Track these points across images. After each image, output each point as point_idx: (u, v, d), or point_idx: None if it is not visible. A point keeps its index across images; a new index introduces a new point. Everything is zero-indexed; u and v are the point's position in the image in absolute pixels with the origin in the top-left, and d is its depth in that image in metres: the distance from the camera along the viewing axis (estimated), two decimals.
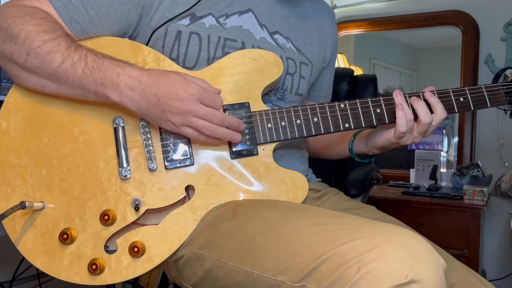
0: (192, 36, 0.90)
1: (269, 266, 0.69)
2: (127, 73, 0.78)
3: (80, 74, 0.78)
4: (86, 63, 0.78)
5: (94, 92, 0.79)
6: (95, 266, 0.79)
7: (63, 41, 0.79)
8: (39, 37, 0.77)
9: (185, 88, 0.78)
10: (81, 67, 0.78)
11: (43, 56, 0.78)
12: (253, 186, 0.87)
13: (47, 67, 0.78)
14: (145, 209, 0.83)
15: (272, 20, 1.00)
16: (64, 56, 0.78)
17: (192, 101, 0.78)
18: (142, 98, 0.78)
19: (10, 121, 0.84)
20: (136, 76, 0.78)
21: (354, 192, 1.77)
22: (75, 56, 0.78)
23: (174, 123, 0.79)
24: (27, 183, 0.82)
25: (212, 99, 0.80)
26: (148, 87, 0.77)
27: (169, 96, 0.77)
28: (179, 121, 0.79)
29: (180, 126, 0.79)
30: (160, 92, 0.77)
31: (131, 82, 0.77)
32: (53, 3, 0.83)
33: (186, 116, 0.78)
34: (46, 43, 0.77)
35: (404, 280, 0.55)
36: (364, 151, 1.03)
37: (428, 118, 0.88)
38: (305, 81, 1.05)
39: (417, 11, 2.61)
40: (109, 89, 0.78)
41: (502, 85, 0.94)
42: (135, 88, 0.77)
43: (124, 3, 0.86)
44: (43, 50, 0.77)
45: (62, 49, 0.78)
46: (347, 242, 0.62)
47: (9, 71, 0.82)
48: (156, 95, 0.77)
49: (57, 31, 0.80)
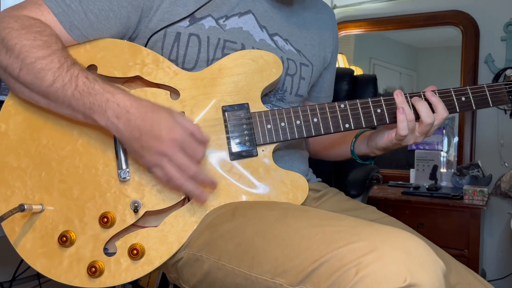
0: (192, 38, 0.90)
1: (267, 268, 0.69)
2: (116, 101, 0.77)
3: (70, 96, 0.77)
4: (77, 86, 0.77)
5: (83, 114, 0.79)
6: (94, 269, 0.79)
7: (56, 59, 0.78)
8: (33, 53, 0.77)
9: (169, 130, 0.76)
10: (71, 89, 0.77)
11: (35, 74, 0.77)
12: (252, 188, 0.87)
13: (39, 85, 0.78)
14: (144, 211, 0.83)
15: (272, 21, 1.00)
16: (55, 76, 0.77)
17: (172, 146, 0.76)
18: (126, 128, 0.77)
19: (10, 123, 0.84)
20: (124, 106, 0.77)
21: (354, 192, 1.77)
22: (66, 77, 0.77)
23: (148, 160, 0.78)
24: (26, 185, 0.82)
25: (194, 149, 0.78)
26: (133, 119, 0.76)
27: (151, 134, 0.76)
28: (153, 161, 0.78)
29: (153, 165, 0.78)
30: (144, 128, 0.76)
31: (118, 110, 0.76)
32: (53, 10, 0.82)
33: (161, 157, 0.77)
34: (38, 60, 0.77)
35: (402, 284, 0.55)
36: (366, 152, 1.03)
37: (430, 118, 0.88)
38: (305, 82, 1.05)
39: (417, 11, 2.61)
40: (96, 113, 0.77)
41: (505, 84, 0.93)
42: (121, 117, 0.76)
43: (123, 6, 0.86)
44: (35, 67, 0.77)
45: (54, 68, 0.77)
46: (345, 244, 0.62)
47: (5, 81, 0.83)
48: (139, 130, 0.76)
49: (52, 46, 0.79)
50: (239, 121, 0.88)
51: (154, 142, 0.76)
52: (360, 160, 1.06)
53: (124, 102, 0.77)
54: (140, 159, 0.80)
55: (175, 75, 0.88)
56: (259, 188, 0.87)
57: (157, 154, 0.77)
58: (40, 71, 0.77)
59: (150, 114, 0.77)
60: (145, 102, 0.79)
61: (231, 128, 0.88)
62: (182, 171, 0.77)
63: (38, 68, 0.77)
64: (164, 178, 0.79)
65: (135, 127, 0.76)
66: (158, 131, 0.76)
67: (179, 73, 0.88)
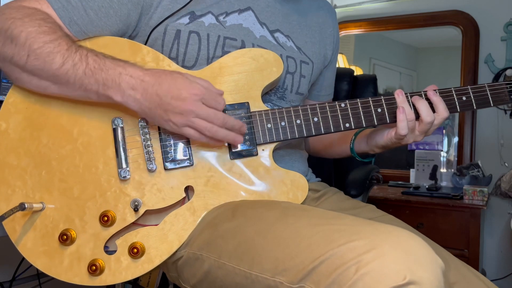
0: (192, 35, 0.90)
1: (267, 267, 0.69)
2: (129, 73, 0.78)
3: (81, 75, 0.78)
4: (88, 64, 0.78)
5: (96, 92, 0.79)
6: (94, 267, 0.79)
7: (64, 42, 0.78)
8: (39, 38, 0.77)
9: (188, 88, 0.77)
10: (82, 68, 0.77)
11: (43, 58, 0.77)
12: (252, 187, 0.87)
13: (48, 68, 0.78)
14: (144, 209, 0.83)
15: (273, 18, 1.00)
16: (64, 57, 0.77)
17: (194, 101, 0.77)
18: (144, 97, 0.77)
19: (10, 122, 0.84)
20: (138, 76, 0.77)
21: (354, 192, 1.77)
22: (76, 57, 0.78)
23: (175, 123, 0.79)
24: (26, 184, 0.82)
25: (215, 99, 0.80)
26: (150, 87, 0.77)
27: (171, 96, 0.77)
28: (181, 121, 0.78)
29: (181, 126, 0.79)
30: (162, 91, 0.77)
31: (133, 81, 0.77)
32: (52, 5, 0.82)
33: (187, 116, 0.78)
34: (46, 44, 0.77)
35: (402, 281, 0.55)
36: (366, 150, 1.03)
37: (430, 117, 0.88)
38: (306, 80, 1.05)
39: (417, 11, 2.61)
40: (111, 89, 0.78)
41: (506, 84, 0.93)
42: (137, 87, 0.77)
43: (123, 3, 0.86)
44: (44, 51, 0.77)
45: (63, 50, 0.78)
46: (345, 243, 0.62)
47: (9, 74, 0.82)
48: (158, 95, 0.77)
49: (57, 32, 0.79)
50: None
51: (176, 102, 0.77)
52: (360, 158, 1.06)
53: (137, 73, 0.78)
54: (166, 124, 0.80)
55: None
56: (259, 188, 0.88)
57: (182, 113, 0.78)
58: (49, 54, 0.77)
59: (164, 77, 0.78)
60: (156, 70, 0.80)
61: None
62: (211, 121, 0.79)
63: (47, 52, 0.77)
64: (195, 134, 0.80)
65: (153, 94, 0.77)
66: (177, 91, 0.77)
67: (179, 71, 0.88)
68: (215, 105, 0.80)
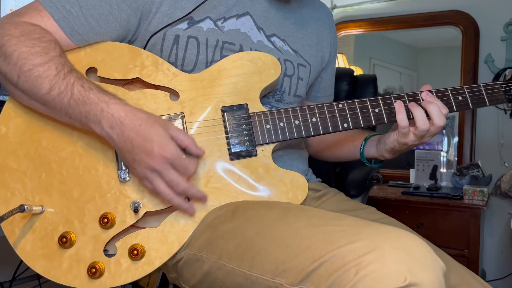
0: (190, 40, 0.90)
1: (267, 268, 0.69)
2: (111, 111, 0.77)
3: (66, 104, 0.78)
4: (72, 94, 0.77)
5: (79, 122, 0.79)
6: (94, 270, 0.79)
7: (53, 66, 0.78)
8: (30, 60, 0.77)
9: (161, 148, 0.76)
10: (67, 98, 0.77)
11: (32, 81, 0.78)
12: (252, 187, 0.87)
13: (36, 92, 0.78)
14: (144, 211, 0.83)
15: (269, 23, 1.00)
16: (51, 84, 0.77)
17: (162, 163, 0.76)
18: (119, 139, 0.77)
19: (10, 126, 0.84)
20: (119, 117, 0.77)
21: (354, 192, 1.77)
22: (62, 85, 0.78)
23: (138, 172, 0.79)
24: (26, 186, 0.82)
25: (184, 167, 0.78)
26: (127, 131, 0.77)
27: (142, 149, 0.76)
28: (143, 174, 0.78)
29: (143, 177, 0.79)
30: (136, 141, 0.76)
31: (113, 121, 0.77)
32: (53, 16, 0.82)
33: (151, 173, 0.77)
34: (35, 68, 0.77)
35: (402, 283, 0.55)
36: (375, 156, 1.02)
37: (426, 125, 0.88)
38: (303, 83, 1.05)
39: (417, 11, 2.61)
40: (92, 123, 0.78)
41: (501, 84, 0.94)
42: (114, 127, 0.77)
43: (123, 9, 0.86)
44: (33, 74, 0.77)
45: (51, 75, 0.77)
46: (345, 244, 0.62)
47: (5, 87, 0.83)
48: (132, 143, 0.77)
49: (50, 53, 0.79)
50: (238, 121, 0.88)
51: (145, 157, 0.76)
52: (369, 164, 1.05)
53: (119, 113, 0.77)
54: (131, 169, 0.81)
55: (174, 76, 0.88)
56: (258, 188, 0.88)
57: (148, 169, 0.77)
58: (37, 78, 0.77)
59: (144, 127, 0.77)
60: (141, 114, 0.78)
61: (231, 128, 0.88)
62: (172, 187, 0.78)
63: (35, 76, 0.77)
64: (153, 190, 0.80)
65: (128, 139, 0.77)
66: (150, 147, 0.76)
67: (178, 74, 0.88)
68: (183, 172, 0.79)
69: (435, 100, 0.89)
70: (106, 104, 0.77)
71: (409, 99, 0.91)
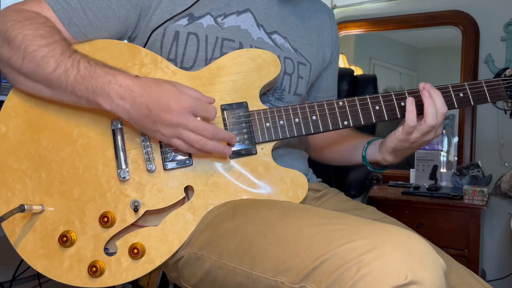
0: (190, 37, 0.90)
1: (268, 266, 0.69)
2: (118, 82, 0.77)
3: (72, 81, 0.78)
4: (79, 70, 0.78)
5: (86, 99, 0.79)
6: (95, 269, 0.79)
7: (58, 47, 0.79)
8: (35, 41, 0.78)
9: (177, 100, 0.76)
10: (73, 74, 0.77)
11: (37, 61, 0.78)
12: (252, 186, 0.87)
13: (42, 72, 0.78)
14: (144, 210, 0.83)
15: (270, 20, 1.00)
16: (58, 62, 0.78)
17: (183, 113, 0.77)
18: (133, 107, 0.77)
19: (10, 125, 0.84)
20: (127, 85, 0.77)
21: (354, 192, 1.77)
22: (68, 63, 0.78)
23: (164, 134, 0.78)
24: (27, 186, 0.82)
25: (205, 110, 0.79)
26: (139, 97, 0.77)
27: (160, 107, 0.76)
28: (169, 133, 0.78)
29: (170, 137, 0.79)
30: (151, 102, 0.76)
31: (121, 91, 0.77)
32: (52, 6, 0.83)
33: (176, 128, 0.77)
34: (41, 48, 0.78)
35: (403, 281, 0.55)
36: (377, 159, 1.01)
37: (434, 120, 0.87)
38: (304, 81, 1.05)
39: (417, 11, 2.61)
40: (100, 97, 0.77)
41: (503, 80, 0.94)
42: (125, 97, 0.77)
43: (122, 4, 0.86)
44: (38, 54, 0.77)
45: (57, 54, 0.78)
46: (346, 243, 0.62)
47: (7, 75, 0.83)
48: (147, 106, 0.76)
49: (54, 36, 0.80)
50: (238, 119, 0.88)
51: (165, 114, 0.76)
52: (372, 168, 1.05)
53: (126, 82, 0.77)
54: (155, 135, 0.80)
55: (173, 74, 0.88)
56: (258, 186, 0.87)
57: (171, 125, 0.77)
58: (43, 58, 0.77)
59: (154, 88, 0.77)
60: (146, 78, 0.79)
61: (230, 126, 0.88)
62: (200, 133, 0.78)
63: (41, 55, 0.77)
64: (184, 146, 0.80)
65: (142, 104, 0.77)
66: (166, 103, 0.76)
67: (177, 72, 0.88)
68: (206, 115, 0.79)
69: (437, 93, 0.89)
70: (112, 76, 0.77)
71: (410, 96, 0.90)
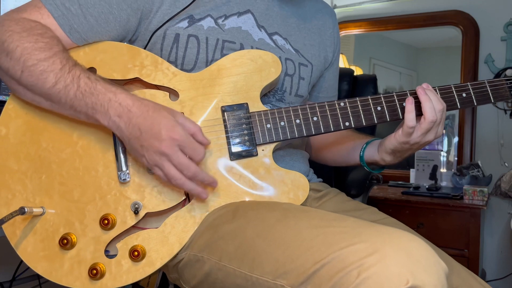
0: (190, 39, 0.89)
1: (268, 269, 0.68)
2: (118, 100, 0.77)
3: (72, 97, 0.78)
4: (79, 86, 0.78)
5: (85, 114, 0.79)
6: (95, 271, 0.79)
7: (58, 60, 0.78)
8: (34, 55, 0.77)
9: (169, 130, 0.76)
10: (73, 90, 0.78)
11: (37, 76, 0.78)
12: (253, 187, 0.87)
13: (41, 86, 0.78)
14: (144, 212, 0.83)
15: (271, 21, 1.00)
16: (57, 77, 0.78)
17: (171, 145, 0.76)
18: (126, 127, 0.77)
19: (10, 127, 0.84)
20: (126, 105, 0.77)
21: (354, 192, 1.77)
22: (68, 78, 0.78)
23: (148, 159, 0.78)
24: (27, 188, 0.82)
25: (193, 149, 0.78)
26: (134, 118, 0.77)
27: (150, 132, 0.76)
28: (153, 160, 0.78)
29: (153, 165, 0.78)
30: (144, 126, 0.76)
31: (120, 109, 0.77)
32: (52, 13, 0.82)
33: (160, 157, 0.77)
34: (40, 62, 0.77)
35: (404, 285, 0.55)
36: (375, 159, 1.01)
37: (433, 116, 0.86)
38: (305, 82, 1.05)
39: (417, 11, 2.60)
40: (98, 113, 0.78)
41: (506, 80, 0.94)
42: (122, 116, 0.77)
43: (123, 8, 0.86)
44: (37, 69, 0.77)
45: (56, 69, 0.78)
46: (347, 246, 0.61)
47: (7, 83, 0.83)
48: (139, 128, 0.77)
49: (53, 48, 0.79)
50: (238, 121, 0.88)
51: (154, 141, 0.76)
52: (369, 168, 1.04)
53: (126, 101, 0.77)
54: (140, 158, 0.80)
55: (174, 76, 0.88)
56: (259, 188, 0.87)
57: (157, 154, 0.77)
58: (42, 73, 0.77)
59: (151, 113, 0.77)
60: (147, 101, 0.79)
61: (231, 128, 0.87)
62: (181, 170, 0.77)
63: (40, 70, 0.77)
64: (164, 177, 0.79)
65: (135, 126, 0.77)
66: (157, 130, 0.76)
67: (178, 74, 0.88)
68: (192, 155, 0.78)
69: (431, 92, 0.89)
70: (113, 94, 0.78)
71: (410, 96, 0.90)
